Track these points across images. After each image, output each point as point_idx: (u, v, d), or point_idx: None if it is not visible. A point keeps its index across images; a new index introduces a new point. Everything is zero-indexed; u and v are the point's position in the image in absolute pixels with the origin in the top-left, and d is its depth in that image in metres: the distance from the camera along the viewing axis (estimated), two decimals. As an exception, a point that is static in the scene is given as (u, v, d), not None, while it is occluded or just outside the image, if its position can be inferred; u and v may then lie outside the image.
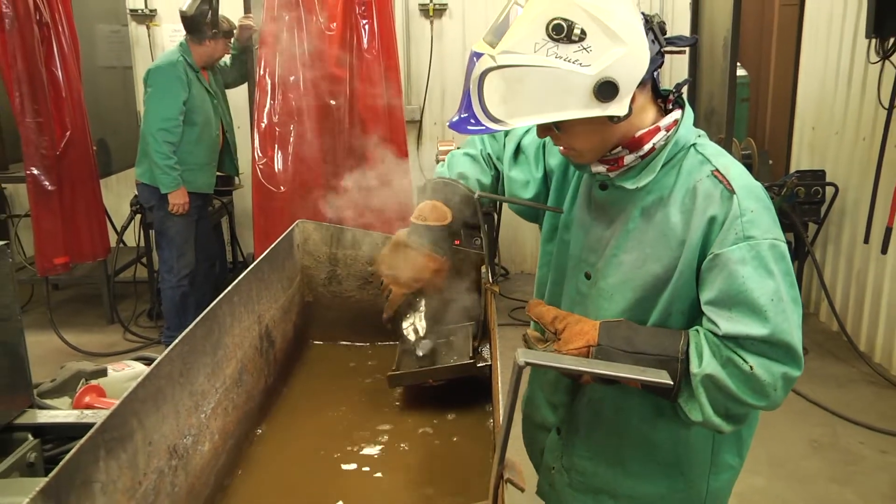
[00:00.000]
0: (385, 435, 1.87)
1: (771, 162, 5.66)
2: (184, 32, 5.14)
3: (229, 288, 1.75)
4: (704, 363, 1.46)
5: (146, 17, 6.63)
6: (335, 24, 4.88)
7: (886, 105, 4.60)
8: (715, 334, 1.47)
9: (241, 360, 1.80)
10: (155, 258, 5.68)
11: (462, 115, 1.49)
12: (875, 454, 3.92)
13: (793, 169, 5.93)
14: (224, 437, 1.67)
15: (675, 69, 6.42)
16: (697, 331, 1.51)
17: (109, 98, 6.02)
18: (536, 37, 1.39)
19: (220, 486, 1.63)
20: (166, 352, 1.44)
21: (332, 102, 4.98)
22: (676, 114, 1.59)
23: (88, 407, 1.76)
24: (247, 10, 5.14)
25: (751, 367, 1.43)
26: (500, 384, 1.53)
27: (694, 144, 1.59)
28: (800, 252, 5.50)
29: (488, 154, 2.01)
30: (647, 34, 1.45)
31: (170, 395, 1.44)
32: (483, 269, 2.10)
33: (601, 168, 1.60)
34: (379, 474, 1.72)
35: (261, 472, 1.72)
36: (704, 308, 1.50)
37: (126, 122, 6.21)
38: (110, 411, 1.23)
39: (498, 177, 2.01)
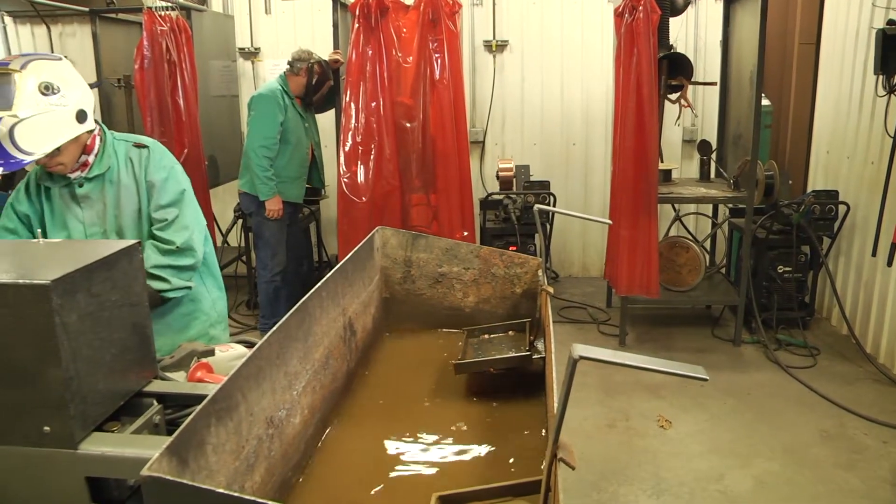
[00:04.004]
0: (450, 415, 1.87)
1: (790, 182, 5.53)
2: (281, 67, 5.28)
3: (319, 285, 1.77)
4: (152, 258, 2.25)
5: (251, 54, 6.78)
6: (411, 57, 4.92)
7: (892, 133, 4.53)
8: (159, 230, 2.29)
9: (327, 347, 1.82)
10: (253, 257, 5.79)
11: None
12: (878, 444, 3.82)
13: (809, 189, 5.80)
14: (312, 411, 1.69)
15: (707, 99, 6.32)
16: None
17: (219, 122, 6.16)
18: (36, 95, 1.95)
19: (308, 454, 1.65)
20: (266, 337, 1.46)
21: (408, 125, 5.02)
22: (96, 127, 2.25)
23: (200, 381, 1.79)
24: (336, 46, 5.21)
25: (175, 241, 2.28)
26: (554, 374, 1.52)
27: (113, 136, 2.33)
28: (814, 263, 5.36)
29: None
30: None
31: (268, 374, 1.46)
32: (539, 272, 2.09)
33: (77, 173, 2.25)
34: (443, 449, 1.72)
35: (342, 443, 1.74)
36: (153, 213, 2.30)
37: (231, 142, 6.34)
38: (220, 385, 1.26)
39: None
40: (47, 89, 1.98)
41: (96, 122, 2.27)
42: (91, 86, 2.38)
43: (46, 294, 1.22)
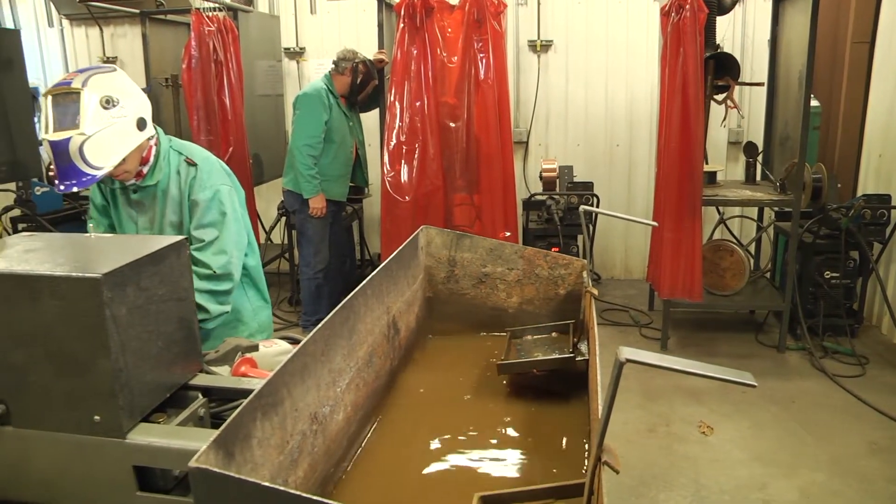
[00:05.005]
0: (492, 415, 1.86)
1: (839, 185, 5.39)
2: (325, 66, 5.32)
3: (364, 283, 1.77)
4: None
5: (296, 54, 6.84)
6: (456, 57, 4.91)
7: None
8: (196, 250, 2.29)
9: (371, 345, 1.82)
10: (296, 254, 5.84)
11: (69, 182, 2.03)
12: (935, 459, 3.67)
13: (859, 193, 5.63)
14: (355, 408, 1.69)
15: (754, 99, 6.20)
16: None
17: (263, 120, 6.22)
18: (99, 111, 2.02)
19: (350, 450, 1.66)
20: (311, 334, 1.47)
21: (452, 125, 5.01)
22: (153, 137, 2.33)
23: (244, 375, 1.81)
24: (380, 45, 5.23)
25: (212, 265, 2.29)
26: (598, 377, 1.50)
27: (171, 146, 2.41)
28: (864, 269, 5.22)
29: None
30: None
31: (313, 370, 1.47)
32: (583, 274, 2.07)
33: (133, 180, 2.33)
34: (485, 449, 1.71)
35: (384, 441, 1.74)
36: (192, 231, 2.33)
37: (276, 140, 6.41)
38: (266, 381, 1.27)
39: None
40: (108, 103, 2.05)
41: (154, 127, 2.33)
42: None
43: (98, 287, 1.24)
